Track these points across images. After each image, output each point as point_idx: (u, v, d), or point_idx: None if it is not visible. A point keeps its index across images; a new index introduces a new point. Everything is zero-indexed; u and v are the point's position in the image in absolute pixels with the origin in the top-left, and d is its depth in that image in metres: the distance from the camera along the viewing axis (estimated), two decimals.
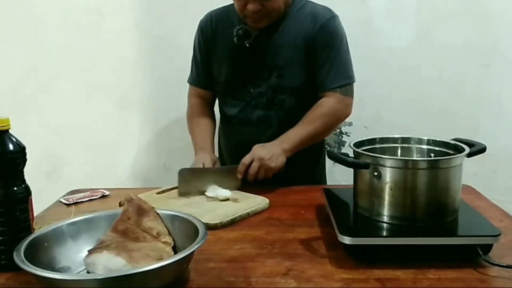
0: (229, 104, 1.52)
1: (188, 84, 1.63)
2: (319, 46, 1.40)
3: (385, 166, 0.95)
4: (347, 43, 1.45)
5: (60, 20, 2.04)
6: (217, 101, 1.63)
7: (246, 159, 1.31)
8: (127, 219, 0.92)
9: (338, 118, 1.45)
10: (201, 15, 1.59)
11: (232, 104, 1.51)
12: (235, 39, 1.42)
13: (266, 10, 1.34)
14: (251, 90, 1.46)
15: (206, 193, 1.27)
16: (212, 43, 1.50)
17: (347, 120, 2.19)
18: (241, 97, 1.48)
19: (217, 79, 1.53)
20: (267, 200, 1.23)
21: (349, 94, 1.44)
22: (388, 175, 0.95)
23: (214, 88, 1.57)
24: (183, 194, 1.29)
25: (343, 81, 1.42)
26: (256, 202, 1.22)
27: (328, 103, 1.41)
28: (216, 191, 1.26)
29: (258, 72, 1.45)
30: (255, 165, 1.30)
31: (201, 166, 1.37)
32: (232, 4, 1.44)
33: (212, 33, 1.50)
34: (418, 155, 1.12)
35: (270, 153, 1.32)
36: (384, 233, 0.96)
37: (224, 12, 1.51)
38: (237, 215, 1.13)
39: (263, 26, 1.40)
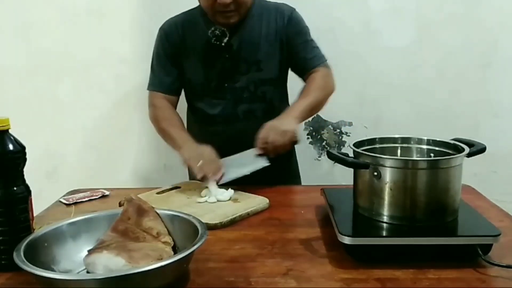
0: (210, 103, 1.53)
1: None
2: (293, 36, 1.50)
3: (385, 166, 0.95)
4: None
5: (60, 20, 2.04)
6: (185, 106, 1.63)
7: (261, 133, 1.33)
8: (127, 219, 0.92)
9: (330, 88, 1.52)
10: None
11: (213, 103, 1.52)
12: (212, 40, 1.45)
13: (237, 3, 1.38)
14: (231, 86, 1.49)
15: (207, 200, 1.25)
16: (181, 47, 1.51)
17: (347, 120, 2.19)
18: (222, 94, 1.51)
19: (192, 81, 1.54)
20: (267, 200, 1.23)
21: (330, 69, 1.53)
22: (388, 175, 0.95)
23: (178, 93, 1.58)
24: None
25: (323, 59, 1.53)
26: (256, 202, 1.22)
27: (318, 76, 1.49)
28: (216, 195, 1.25)
29: (235, 68, 1.49)
30: (271, 135, 1.31)
31: (206, 154, 1.34)
32: (193, 9, 1.52)
33: (180, 38, 1.51)
34: (418, 155, 1.12)
35: (281, 121, 1.36)
36: (384, 233, 0.96)
37: (188, 17, 1.53)
38: (237, 215, 1.14)
39: (233, 22, 1.43)
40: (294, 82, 1.59)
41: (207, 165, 1.31)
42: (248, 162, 1.32)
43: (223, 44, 1.45)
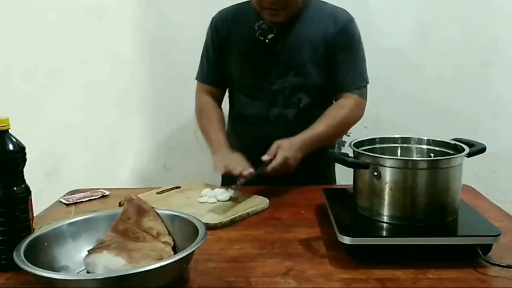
0: (244, 102, 1.50)
1: (194, 82, 1.60)
2: (339, 48, 1.42)
3: (385, 166, 0.95)
4: (363, 46, 1.48)
5: (60, 20, 2.04)
6: (225, 100, 1.62)
7: (271, 152, 1.29)
8: (127, 219, 0.93)
9: (355, 120, 1.47)
10: (201, 15, 1.59)
11: (247, 102, 1.49)
12: (257, 34, 1.42)
13: (284, 1, 1.34)
14: (267, 87, 1.45)
15: (207, 200, 1.24)
16: (228, 40, 1.48)
17: None
18: (257, 94, 1.47)
19: (233, 75, 1.52)
20: (267, 200, 1.23)
21: (365, 96, 1.47)
22: (388, 175, 0.95)
23: (224, 86, 1.56)
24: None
25: (360, 83, 1.45)
26: (256, 202, 1.22)
27: (347, 104, 1.42)
28: (216, 195, 1.25)
29: (274, 70, 1.44)
30: (279, 160, 1.27)
31: (236, 165, 1.29)
32: (246, 2, 1.47)
33: (227, 30, 1.48)
34: (418, 155, 1.12)
35: (292, 150, 1.30)
36: (384, 233, 0.96)
37: (239, 9, 1.50)
38: (237, 215, 1.14)
39: (281, 20, 1.38)
40: None
41: (233, 164, 1.28)
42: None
43: (267, 40, 1.41)
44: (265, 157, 1.28)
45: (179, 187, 1.36)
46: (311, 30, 1.42)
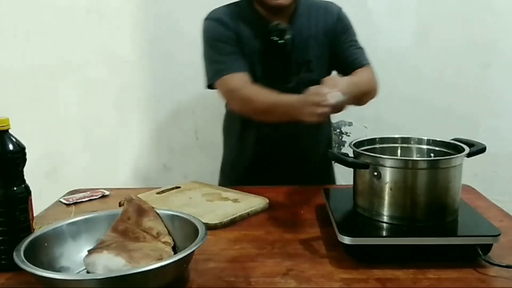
0: None
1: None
2: (341, 33, 1.46)
3: (385, 166, 0.95)
4: None
5: (60, 20, 2.04)
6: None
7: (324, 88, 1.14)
8: (127, 219, 0.93)
9: (376, 86, 1.44)
10: (200, 15, 1.58)
11: None
12: (273, 35, 1.38)
13: None
14: (282, 87, 1.39)
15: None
16: (238, 37, 1.41)
17: (347, 120, 2.19)
18: None
19: None
20: (267, 200, 1.23)
21: (373, 68, 1.49)
22: (388, 175, 0.95)
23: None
24: None
25: (367, 60, 1.48)
26: (256, 202, 1.22)
27: (364, 71, 1.43)
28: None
29: (287, 68, 1.45)
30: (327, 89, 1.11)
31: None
32: (239, 2, 1.45)
33: (235, 28, 1.41)
34: (418, 155, 1.12)
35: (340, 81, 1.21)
36: (384, 233, 0.96)
37: (235, 9, 1.44)
38: (237, 215, 1.13)
39: (285, 3, 1.36)
40: None
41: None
42: None
43: (283, 41, 1.39)
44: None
45: (179, 187, 1.36)
46: (311, 27, 1.45)
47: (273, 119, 1.32)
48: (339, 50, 1.47)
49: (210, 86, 1.43)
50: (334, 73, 1.53)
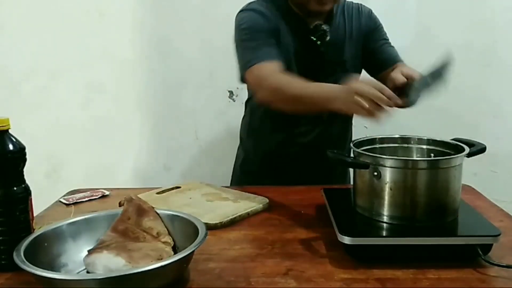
0: None
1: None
2: (374, 30, 1.48)
3: (385, 166, 0.95)
4: None
5: (60, 20, 2.04)
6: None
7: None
8: (127, 219, 0.93)
9: None
10: (201, 15, 1.58)
11: None
12: (315, 35, 1.38)
13: None
14: None
15: None
16: (279, 32, 1.35)
17: None
18: None
19: None
20: (267, 200, 1.23)
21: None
22: (388, 175, 0.95)
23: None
24: None
25: (400, 57, 1.47)
26: (256, 202, 1.22)
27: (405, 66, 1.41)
28: None
29: (322, 69, 1.43)
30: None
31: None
32: (268, 0, 1.39)
33: (276, 23, 1.35)
34: (418, 155, 1.12)
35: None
36: (384, 233, 0.96)
37: (271, 6, 1.38)
38: (237, 215, 1.13)
39: (328, 9, 1.36)
40: None
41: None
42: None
43: (320, 42, 1.38)
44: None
45: (179, 187, 1.36)
46: (347, 26, 1.45)
47: (304, 108, 1.24)
48: (373, 48, 1.47)
49: (243, 78, 1.33)
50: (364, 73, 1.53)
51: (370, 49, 1.47)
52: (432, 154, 1.09)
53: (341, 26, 1.45)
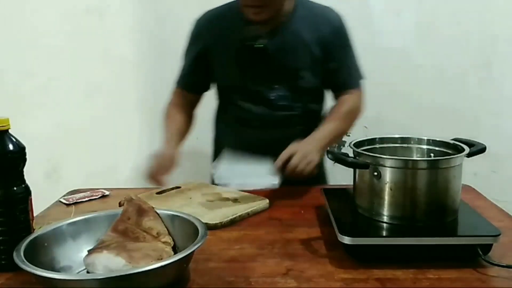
0: (246, 107, 1.46)
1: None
2: (336, 48, 1.42)
3: (385, 166, 0.95)
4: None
5: (60, 20, 2.04)
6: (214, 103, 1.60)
7: (285, 154, 1.24)
8: (127, 219, 0.92)
9: (360, 113, 1.49)
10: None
11: (249, 107, 1.46)
12: (246, 43, 1.38)
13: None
14: (266, 92, 1.43)
15: (246, 182, 1.20)
16: (213, 45, 1.44)
17: None
18: (256, 100, 1.45)
19: (223, 83, 1.50)
20: (267, 200, 1.23)
21: (363, 90, 1.49)
22: (388, 175, 0.95)
23: (202, 91, 1.55)
24: None
25: (359, 78, 1.48)
26: (256, 202, 1.22)
27: (352, 100, 1.44)
28: (259, 180, 1.19)
29: (271, 74, 1.42)
30: (295, 159, 1.21)
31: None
32: (231, 3, 1.43)
33: (213, 35, 1.44)
34: (418, 155, 1.12)
35: (309, 147, 1.27)
36: (384, 233, 0.96)
37: (226, 11, 1.45)
38: (237, 215, 1.14)
39: (264, 19, 1.34)
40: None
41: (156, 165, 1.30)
42: (258, 175, 1.24)
43: (256, 46, 1.38)
44: (278, 162, 1.22)
45: (179, 187, 1.36)
46: (306, 32, 1.40)
47: None
48: (331, 67, 1.43)
49: None
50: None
51: (329, 66, 1.43)
52: (432, 154, 1.09)
53: (299, 31, 1.40)
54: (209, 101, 2.16)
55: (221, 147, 1.60)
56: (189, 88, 1.54)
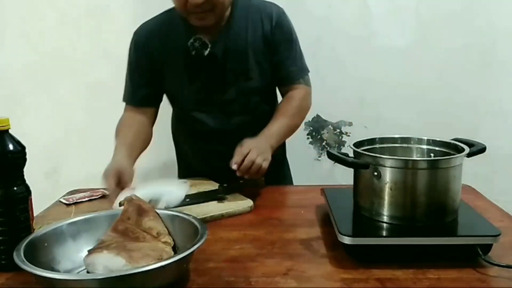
0: (199, 118, 1.43)
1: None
2: (279, 43, 1.40)
3: (385, 166, 0.95)
4: (297, 35, 1.47)
5: (60, 20, 2.04)
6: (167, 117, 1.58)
7: (242, 151, 1.21)
8: (127, 219, 0.92)
9: (308, 108, 1.47)
10: None
11: (203, 117, 1.43)
12: (192, 53, 1.34)
13: (211, 2, 1.25)
14: (219, 98, 1.40)
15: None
16: (159, 57, 1.39)
17: (347, 120, 2.19)
18: (210, 108, 1.41)
19: (175, 94, 1.46)
20: (251, 203, 1.20)
21: (310, 84, 1.48)
22: (388, 175, 0.95)
23: (155, 104, 1.49)
24: None
25: (305, 72, 1.46)
26: (237, 204, 1.19)
27: (298, 95, 1.43)
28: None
29: (222, 79, 1.39)
30: (253, 154, 1.20)
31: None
32: (169, 12, 1.40)
33: (157, 47, 1.38)
34: (418, 155, 1.12)
35: (262, 145, 1.26)
36: (384, 233, 0.96)
37: (166, 21, 1.40)
38: (208, 215, 1.12)
39: (209, 24, 1.30)
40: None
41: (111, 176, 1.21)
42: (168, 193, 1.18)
43: (204, 55, 1.34)
44: (234, 166, 1.20)
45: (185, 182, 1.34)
46: (249, 32, 1.37)
47: None
48: (277, 60, 1.41)
49: None
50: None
51: (273, 61, 1.41)
52: (432, 154, 1.09)
53: (242, 32, 1.37)
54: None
55: (186, 161, 1.61)
56: (139, 103, 1.46)
